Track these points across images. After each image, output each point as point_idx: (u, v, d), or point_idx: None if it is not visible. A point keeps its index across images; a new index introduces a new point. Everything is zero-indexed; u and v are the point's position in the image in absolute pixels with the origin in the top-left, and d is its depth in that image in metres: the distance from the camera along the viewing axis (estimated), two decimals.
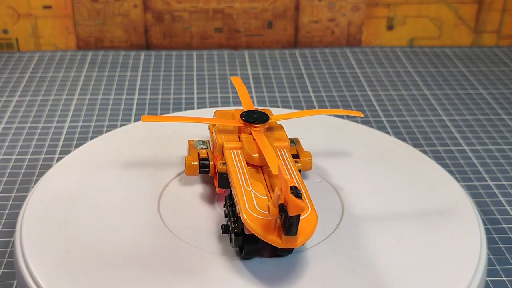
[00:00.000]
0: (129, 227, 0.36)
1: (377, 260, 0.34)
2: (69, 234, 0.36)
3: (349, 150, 0.45)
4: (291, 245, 0.30)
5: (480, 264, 0.34)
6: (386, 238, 0.36)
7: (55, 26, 0.73)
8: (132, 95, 0.63)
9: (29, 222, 0.37)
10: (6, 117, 0.58)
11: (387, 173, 0.42)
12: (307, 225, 0.31)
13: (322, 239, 0.36)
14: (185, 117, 0.43)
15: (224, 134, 0.38)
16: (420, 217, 0.38)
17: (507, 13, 0.76)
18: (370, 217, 0.38)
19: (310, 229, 0.30)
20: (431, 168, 0.43)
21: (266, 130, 0.39)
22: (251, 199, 0.32)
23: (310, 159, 0.40)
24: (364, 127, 0.49)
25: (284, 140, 0.38)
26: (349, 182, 0.41)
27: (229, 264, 0.34)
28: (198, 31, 0.75)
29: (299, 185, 0.34)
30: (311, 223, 0.31)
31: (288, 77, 0.68)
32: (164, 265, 0.34)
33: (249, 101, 0.41)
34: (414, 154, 0.45)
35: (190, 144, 0.41)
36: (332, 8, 0.75)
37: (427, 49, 0.76)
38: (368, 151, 0.45)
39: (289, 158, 0.37)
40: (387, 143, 0.47)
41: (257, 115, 0.38)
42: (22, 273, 0.33)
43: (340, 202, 0.40)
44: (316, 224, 0.31)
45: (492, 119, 0.59)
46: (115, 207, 0.38)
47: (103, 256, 0.34)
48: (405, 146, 0.46)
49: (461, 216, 0.38)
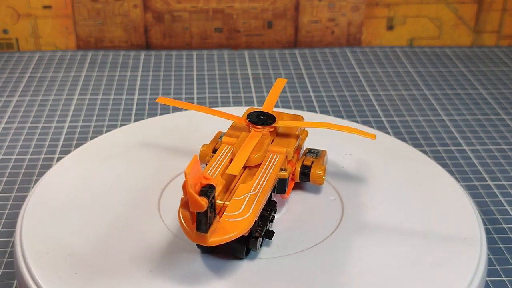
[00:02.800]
0: (129, 227, 0.36)
1: (376, 259, 0.34)
2: (69, 234, 0.36)
3: (348, 150, 0.45)
4: (202, 242, 0.30)
5: (480, 264, 0.34)
6: (385, 238, 0.36)
7: (55, 26, 0.73)
8: (132, 95, 0.63)
9: (29, 222, 0.37)
10: (6, 117, 0.58)
11: (387, 173, 0.42)
12: (234, 228, 0.31)
13: (322, 240, 0.36)
14: (197, 106, 0.42)
15: (233, 130, 0.39)
16: (420, 217, 0.38)
17: (507, 13, 0.76)
18: (369, 217, 0.38)
19: (234, 233, 0.31)
20: (431, 168, 0.43)
21: (278, 136, 0.39)
22: None
23: (321, 173, 0.39)
24: (364, 127, 0.49)
25: (282, 148, 0.37)
26: (348, 182, 0.41)
27: (229, 264, 0.34)
28: (198, 31, 0.75)
29: (222, 187, 0.34)
30: (239, 228, 0.31)
31: (288, 77, 0.68)
32: (164, 265, 0.34)
33: (271, 104, 0.41)
34: (414, 154, 0.45)
35: (216, 135, 0.41)
36: (332, 8, 0.75)
37: (427, 49, 0.76)
38: (368, 151, 0.45)
39: (275, 165, 0.36)
40: (387, 143, 0.47)
41: (264, 117, 0.38)
42: (22, 273, 0.33)
43: (340, 202, 0.40)
44: (243, 230, 0.31)
45: (492, 119, 0.59)
46: (115, 207, 0.38)
47: (103, 256, 0.34)
48: (405, 146, 0.46)
49: (461, 216, 0.38)
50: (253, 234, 0.33)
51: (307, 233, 0.37)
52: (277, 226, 0.37)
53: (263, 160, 0.36)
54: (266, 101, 0.41)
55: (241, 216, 0.32)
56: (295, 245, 0.36)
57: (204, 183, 0.29)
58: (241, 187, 0.34)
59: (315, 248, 0.35)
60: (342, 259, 0.35)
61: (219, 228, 0.31)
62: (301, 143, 0.41)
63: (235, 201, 0.33)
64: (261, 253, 0.35)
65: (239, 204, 0.32)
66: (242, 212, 0.32)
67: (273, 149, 0.37)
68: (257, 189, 0.34)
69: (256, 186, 0.34)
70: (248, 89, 0.64)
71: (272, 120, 0.38)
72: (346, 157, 0.44)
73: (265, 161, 0.36)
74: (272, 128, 0.38)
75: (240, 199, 0.33)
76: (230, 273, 0.33)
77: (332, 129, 0.38)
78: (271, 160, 0.36)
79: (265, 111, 0.39)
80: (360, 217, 0.38)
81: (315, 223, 0.38)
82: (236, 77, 0.67)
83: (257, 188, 0.34)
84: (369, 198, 0.40)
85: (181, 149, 0.45)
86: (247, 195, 0.33)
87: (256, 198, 0.33)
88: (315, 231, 0.37)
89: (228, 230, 0.31)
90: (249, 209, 0.32)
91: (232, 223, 0.31)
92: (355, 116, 0.59)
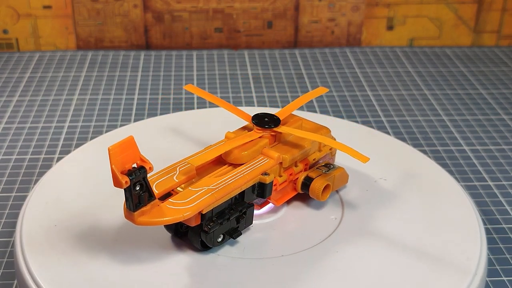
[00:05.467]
0: (129, 227, 0.36)
1: (376, 259, 0.34)
2: (69, 234, 0.36)
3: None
4: (131, 220, 0.31)
5: (480, 264, 0.34)
6: (385, 238, 0.36)
7: (55, 26, 0.73)
8: (132, 95, 0.63)
9: (29, 222, 0.37)
10: (6, 117, 0.58)
11: (387, 173, 0.42)
12: (168, 214, 0.31)
13: (321, 240, 0.36)
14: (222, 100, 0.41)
15: (241, 129, 0.39)
16: (419, 217, 0.38)
17: (507, 13, 0.76)
18: (369, 217, 0.38)
19: (166, 218, 0.31)
20: (431, 168, 0.43)
21: (284, 142, 0.38)
22: (156, 177, 0.34)
23: (320, 187, 0.37)
24: (364, 127, 0.49)
25: (276, 153, 0.36)
26: (348, 181, 0.41)
27: (229, 264, 0.34)
28: (198, 31, 0.75)
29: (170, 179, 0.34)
30: (173, 215, 0.31)
31: (288, 77, 0.68)
32: (164, 265, 0.34)
33: (290, 109, 0.40)
34: (414, 154, 0.45)
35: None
36: (332, 8, 0.75)
37: (427, 49, 0.76)
38: (368, 151, 0.45)
39: (257, 167, 0.35)
40: (387, 143, 0.47)
41: (268, 120, 0.38)
42: (22, 273, 0.33)
43: (340, 201, 0.40)
44: (176, 218, 0.31)
45: (492, 119, 0.59)
46: (115, 207, 0.38)
47: (103, 257, 0.34)
48: (405, 146, 0.46)
49: (461, 216, 0.38)
50: (203, 228, 0.33)
51: (306, 233, 0.37)
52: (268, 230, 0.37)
53: (250, 161, 0.36)
54: (288, 106, 0.40)
55: (183, 206, 0.32)
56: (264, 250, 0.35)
57: (139, 164, 0.30)
58: (204, 179, 0.34)
59: (313, 249, 0.35)
60: (343, 259, 0.35)
61: (156, 210, 0.31)
62: (318, 156, 0.39)
63: (189, 191, 0.33)
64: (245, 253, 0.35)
65: (189, 194, 0.33)
66: (187, 202, 0.32)
67: (267, 153, 0.36)
68: (219, 186, 0.34)
69: (220, 182, 0.34)
70: (248, 89, 0.64)
71: (274, 124, 0.38)
72: (346, 157, 0.44)
73: (250, 161, 0.36)
74: (274, 132, 0.38)
75: (194, 190, 0.33)
76: (230, 272, 0.33)
77: (327, 144, 0.37)
78: (258, 162, 0.36)
79: (274, 114, 0.38)
80: (359, 217, 0.38)
81: (316, 223, 0.38)
82: (236, 77, 0.67)
83: (220, 184, 0.34)
84: (369, 198, 0.40)
85: (181, 149, 0.45)
86: (204, 188, 0.33)
87: (210, 193, 0.33)
88: (314, 231, 0.37)
89: (163, 214, 0.31)
90: (196, 201, 0.32)
91: (170, 210, 0.32)
92: (355, 116, 0.59)
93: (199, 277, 0.33)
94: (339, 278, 0.33)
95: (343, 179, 0.40)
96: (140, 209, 0.31)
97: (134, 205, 0.31)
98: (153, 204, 0.32)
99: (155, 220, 0.31)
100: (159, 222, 0.31)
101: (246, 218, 0.35)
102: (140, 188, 0.31)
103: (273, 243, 0.36)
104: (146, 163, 0.31)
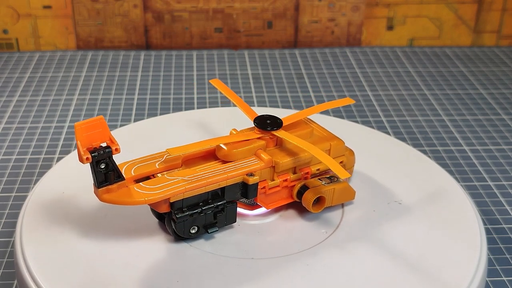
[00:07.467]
0: (129, 227, 0.37)
1: (376, 259, 0.34)
2: (69, 234, 0.36)
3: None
4: (97, 195, 0.33)
5: (480, 264, 0.34)
6: (385, 238, 0.36)
7: (55, 26, 0.73)
8: (132, 95, 0.63)
9: (29, 222, 0.37)
10: (6, 117, 0.58)
11: (387, 173, 0.42)
12: (132, 197, 0.32)
13: (299, 251, 0.36)
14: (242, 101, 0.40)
15: (248, 129, 0.39)
16: (420, 217, 0.38)
17: (507, 13, 0.76)
18: (369, 217, 0.38)
19: (127, 199, 0.32)
20: (431, 168, 0.43)
21: (284, 147, 0.37)
22: (139, 160, 0.35)
23: (311, 199, 0.36)
24: (364, 127, 0.49)
25: (268, 156, 0.36)
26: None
27: (196, 256, 0.34)
28: (198, 31, 0.75)
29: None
30: (135, 198, 0.32)
31: (288, 77, 0.68)
32: (164, 265, 0.34)
33: (302, 114, 0.40)
34: (414, 154, 0.45)
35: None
36: (332, 8, 0.75)
37: (427, 49, 0.76)
38: (368, 151, 0.45)
39: (242, 167, 0.35)
40: (387, 143, 0.47)
41: (269, 122, 0.38)
42: (22, 273, 0.33)
43: (341, 216, 0.39)
44: (136, 202, 0.32)
45: (492, 119, 0.59)
46: (115, 207, 0.38)
47: (103, 257, 0.34)
48: (405, 146, 0.46)
49: (461, 216, 0.38)
50: (171, 216, 0.34)
51: (303, 234, 0.37)
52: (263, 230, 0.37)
53: (240, 159, 0.36)
54: (302, 111, 0.40)
55: (150, 191, 0.33)
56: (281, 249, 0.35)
57: (108, 144, 0.32)
58: (184, 171, 0.35)
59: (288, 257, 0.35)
60: (342, 259, 0.35)
61: (123, 191, 0.33)
62: (323, 166, 0.38)
63: (163, 178, 0.34)
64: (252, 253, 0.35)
65: (162, 181, 0.33)
66: (155, 188, 0.33)
67: (260, 154, 0.36)
68: (193, 178, 0.34)
69: (196, 175, 0.34)
70: (248, 89, 0.64)
71: (273, 127, 0.37)
72: None
73: (239, 160, 0.36)
74: (273, 135, 0.37)
75: (169, 178, 0.34)
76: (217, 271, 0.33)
77: (315, 155, 0.35)
78: (246, 162, 0.36)
79: (278, 118, 0.38)
80: (358, 216, 0.38)
81: (302, 234, 0.37)
82: (236, 77, 0.67)
83: (195, 177, 0.34)
84: (368, 197, 0.40)
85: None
86: (178, 178, 0.34)
87: (181, 184, 0.33)
88: (296, 241, 0.36)
89: (128, 196, 0.32)
90: (164, 188, 0.33)
91: (137, 192, 0.32)
92: (355, 116, 0.59)
93: (163, 264, 0.34)
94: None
95: (346, 195, 0.38)
96: (105, 187, 0.32)
97: (98, 182, 0.32)
98: (120, 185, 0.33)
99: (118, 199, 0.32)
100: (122, 202, 0.32)
101: (226, 216, 0.36)
102: (105, 167, 0.32)
103: (249, 245, 0.36)
104: (113, 143, 0.32)
